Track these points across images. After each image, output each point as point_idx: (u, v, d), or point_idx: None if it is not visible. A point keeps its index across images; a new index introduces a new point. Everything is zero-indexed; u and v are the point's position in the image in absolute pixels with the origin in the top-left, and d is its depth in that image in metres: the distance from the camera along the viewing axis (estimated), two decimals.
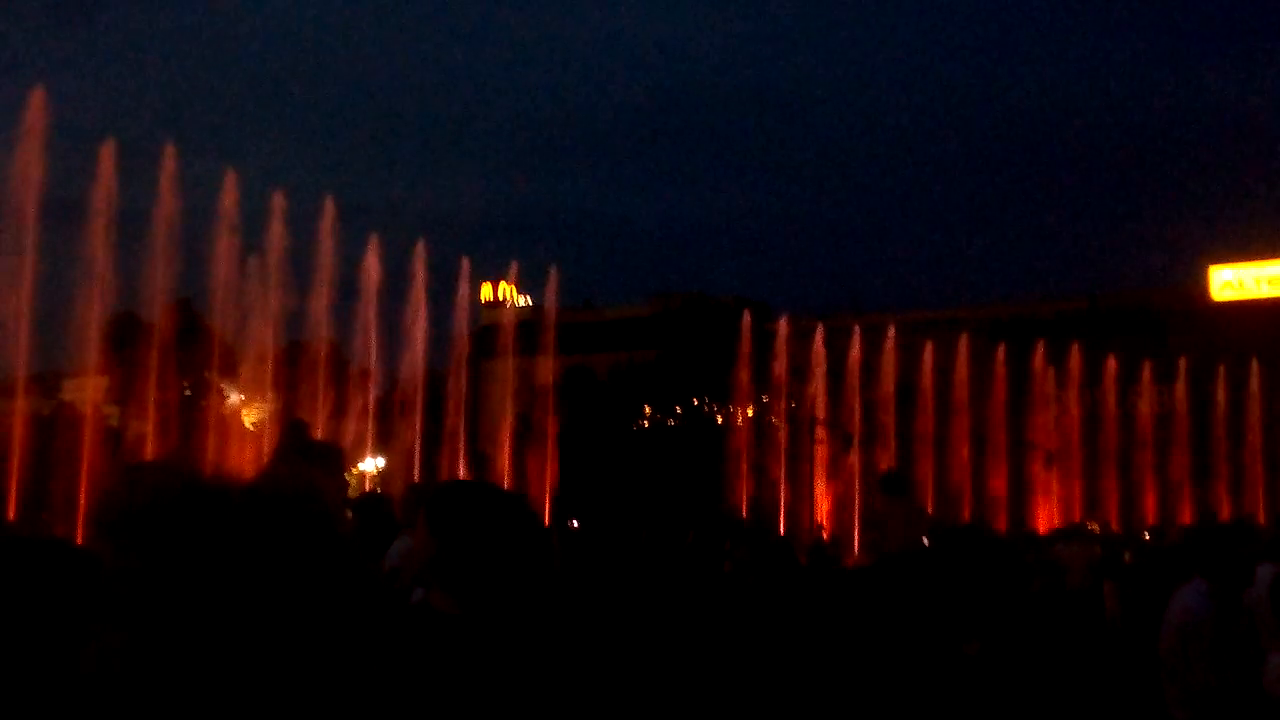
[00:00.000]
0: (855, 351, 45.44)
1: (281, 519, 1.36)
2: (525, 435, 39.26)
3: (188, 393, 34.34)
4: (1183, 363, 48.46)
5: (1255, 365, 47.69)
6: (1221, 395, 47.96)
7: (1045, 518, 42.55)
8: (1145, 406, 49.41)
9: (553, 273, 41.72)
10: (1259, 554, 6.88)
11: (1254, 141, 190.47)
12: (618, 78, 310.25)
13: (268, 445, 28.38)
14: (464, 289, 40.22)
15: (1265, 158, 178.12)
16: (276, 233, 32.76)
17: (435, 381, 38.55)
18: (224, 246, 31.12)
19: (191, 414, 32.54)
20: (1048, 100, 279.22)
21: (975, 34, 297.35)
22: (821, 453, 43.23)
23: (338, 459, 5.86)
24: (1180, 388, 48.68)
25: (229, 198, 31.36)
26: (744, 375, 44.92)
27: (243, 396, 39.45)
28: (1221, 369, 48.08)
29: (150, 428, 29.18)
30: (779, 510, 41.73)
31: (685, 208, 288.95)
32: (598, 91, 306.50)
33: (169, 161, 29.82)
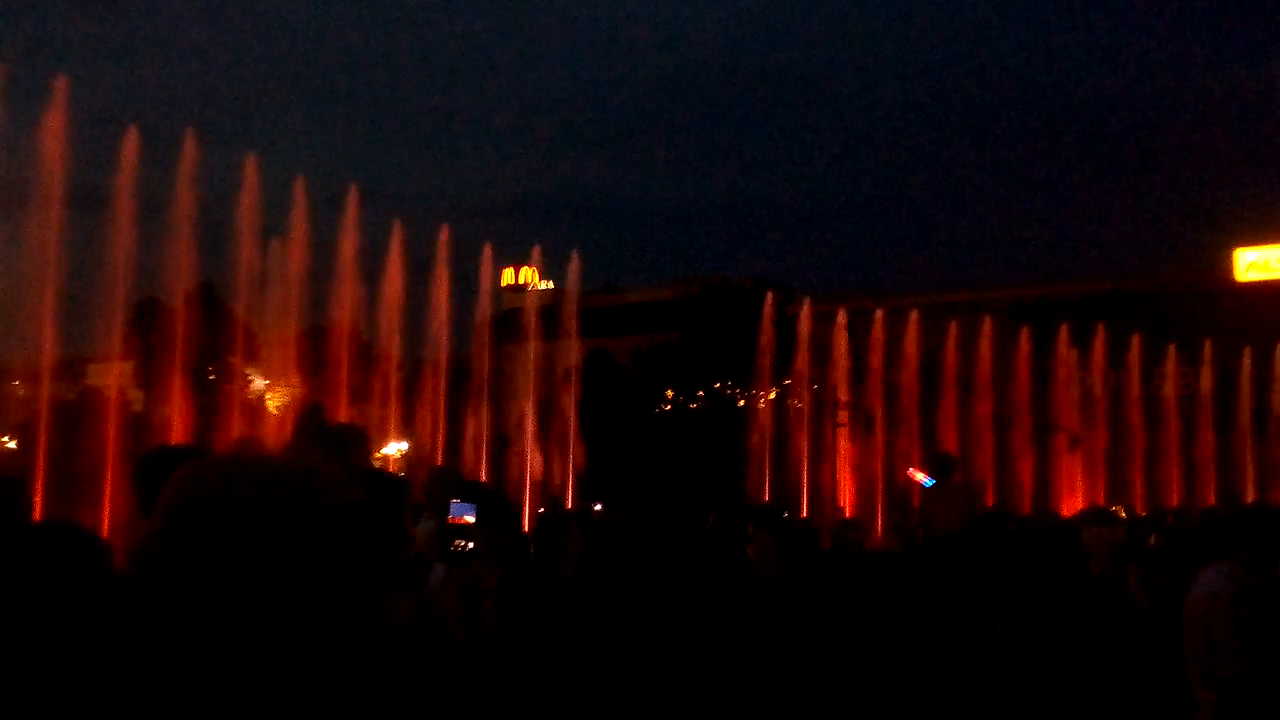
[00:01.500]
0: (877, 334, 45.36)
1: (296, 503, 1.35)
2: (547, 419, 39.34)
3: (212, 377, 34.53)
4: (1207, 345, 48.18)
5: None
6: (1246, 377, 47.66)
7: (1069, 501, 42.39)
8: (1169, 389, 49.17)
9: (575, 256, 41.78)
10: None
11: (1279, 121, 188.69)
12: (639, 61, 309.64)
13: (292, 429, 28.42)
14: (486, 273, 40.33)
15: None
16: (299, 218, 32.87)
17: (458, 365, 38.65)
18: (247, 232, 31.22)
19: (216, 398, 32.71)
20: (1072, 82, 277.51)
21: (998, 15, 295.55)
22: (843, 436, 43.17)
23: (360, 441, 5.85)
24: (1205, 370, 48.43)
25: (252, 183, 31.46)
26: (766, 358, 44.89)
27: (267, 381, 39.64)
28: (1247, 351, 47.78)
29: (174, 412, 29.32)
30: (801, 493, 41.71)
31: (707, 191, 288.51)
32: (619, 75, 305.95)
33: (192, 147, 29.92)
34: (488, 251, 39.93)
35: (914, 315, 46.52)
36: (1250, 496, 41.01)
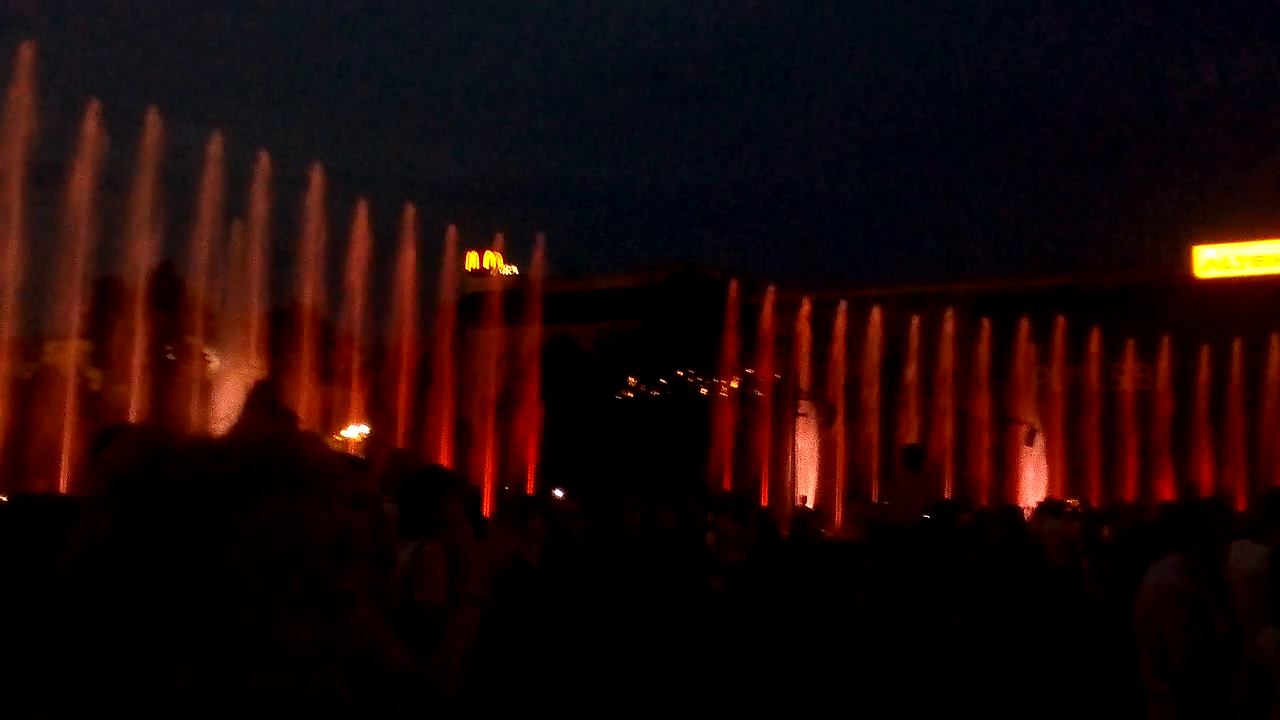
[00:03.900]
0: (840, 325, 45.53)
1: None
2: (509, 404, 39.27)
3: (170, 357, 34.24)
4: (1165, 340, 48.60)
5: (1238, 343, 47.88)
6: (1204, 373, 48.14)
7: (1026, 493, 42.75)
8: (1128, 383, 49.60)
9: (539, 242, 41.69)
10: (1234, 531, 6.94)
11: (1240, 121, 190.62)
12: (607, 46, 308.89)
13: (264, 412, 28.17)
14: (450, 257, 40.17)
15: (1251, 137, 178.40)
16: (261, 197, 32.64)
17: (420, 349, 38.51)
18: (208, 211, 31.00)
19: (174, 378, 32.46)
20: (1036, 77, 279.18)
21: (964, 11, 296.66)
22: (805, 425, 43.33)
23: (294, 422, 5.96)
24: (1163, 365, 48.85)
25: (214, 162, 31.22)
26: (729, 347, 44.97)
27: (226, 362, 39.34)
28: (1204, 347, 48.26)
29: (132, 392, 29.08)
30: (761, 482, 41.85)
31: (673, 179, 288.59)
32: (588, 61, 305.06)
33: (154, 124, 29.65)
34: (452, 235, 39.78)
35: (876, 307, 46.74)
36: (1207, 491, 41.46)
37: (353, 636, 1.25)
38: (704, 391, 52.27)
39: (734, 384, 46.47)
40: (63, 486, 24.50)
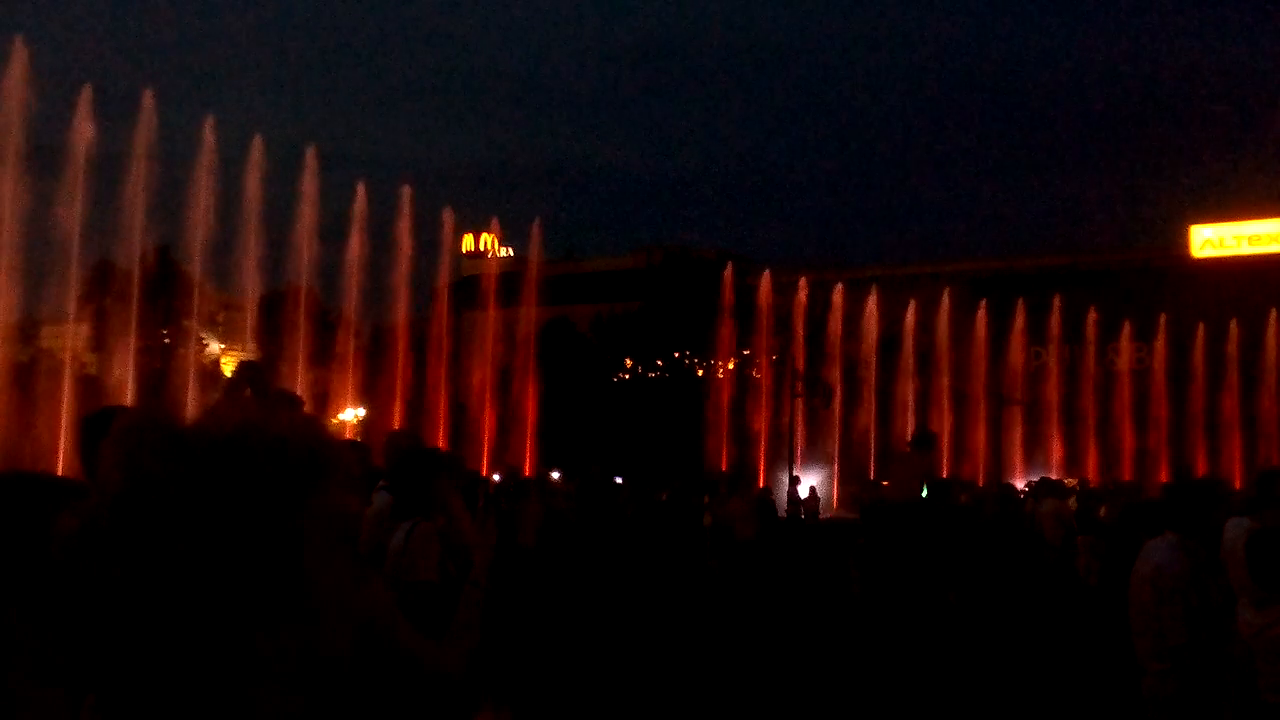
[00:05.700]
0: (837, 306, 45.49)
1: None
2: (506, 386, 39.26)
3: (167, 341, 34.21)
4: (1162, 320, 48.62)
5: (1234, 323, 47.86)
6: (1200, 352, 48.14)
7: (1023, 472, 42.79)
8: (1124, 363, 49.62)
9: (536, 224, 41.61)
10: (1230, 509, 6.94)
11: (1237, 100, 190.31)
12: (606, 30, 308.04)
13: (249, 394, 28.16)
14: (446, 239, 40.12)
15: (1248, 116, 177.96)
16: (256, 181, 32.55)
17: (416, 332, 38.49)
18: (203, 194, 30.90)
19: (171, 362, 32.42)
20: (1033, 57, 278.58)
21: None
22: (802, 406, 43.36)
23: (299, 406, 5.87)
24: (1159, 345, 48.88)
25: (209, 145, 31.13)
26: (726, 328, 44.94)
27: (223, 345, 39.33)
28: (1201, 326, 48.25)
29: (129, 376, 29.06)
30: (759, 463, 41.86)
31: (669, 160, 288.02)
32: (586, 44, 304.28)
33: (148, 108, 29.55)
34: (448, 217, 39.70)
35: (873, 287, 46.70)
36: (1202, 470, 41.50)
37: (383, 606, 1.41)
38: (701, 373, 52.25)
39: (730, 365, 46.45)
40: (60, 470, 24.49)
